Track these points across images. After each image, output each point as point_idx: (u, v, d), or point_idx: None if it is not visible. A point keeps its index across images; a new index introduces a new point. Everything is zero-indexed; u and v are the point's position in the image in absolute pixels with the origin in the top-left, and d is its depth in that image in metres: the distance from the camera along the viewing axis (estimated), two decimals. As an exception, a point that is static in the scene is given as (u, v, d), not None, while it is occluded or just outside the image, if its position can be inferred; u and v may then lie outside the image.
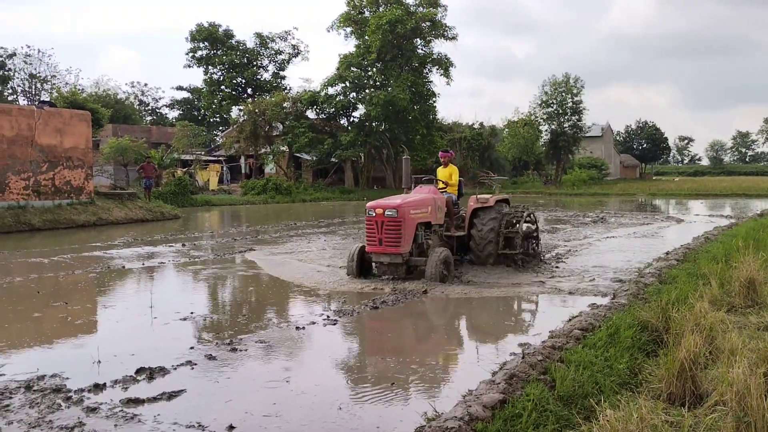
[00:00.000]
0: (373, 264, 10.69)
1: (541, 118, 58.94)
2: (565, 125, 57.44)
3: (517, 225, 11.65)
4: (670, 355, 5.04)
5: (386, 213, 9.99)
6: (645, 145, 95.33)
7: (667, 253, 12.93)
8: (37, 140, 22.57)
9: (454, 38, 51.63)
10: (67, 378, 5.68)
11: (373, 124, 48.79)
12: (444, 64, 51.30)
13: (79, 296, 10.11)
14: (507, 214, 11.70)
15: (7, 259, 14.57)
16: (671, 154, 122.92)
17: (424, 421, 4.47)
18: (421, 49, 51.36)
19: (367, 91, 49.34)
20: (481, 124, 62.47)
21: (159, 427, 4.63)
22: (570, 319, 7.35)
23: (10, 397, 5.19)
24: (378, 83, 49.76)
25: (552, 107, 57.53)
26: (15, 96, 59.47)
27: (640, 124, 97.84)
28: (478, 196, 11.70)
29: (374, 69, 50.09)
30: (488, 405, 4.38)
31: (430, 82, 52.02)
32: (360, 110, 50.25)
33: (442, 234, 11.12)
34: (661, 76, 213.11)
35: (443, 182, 11.84)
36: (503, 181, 57.17)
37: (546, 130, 59.11)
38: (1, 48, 54.17)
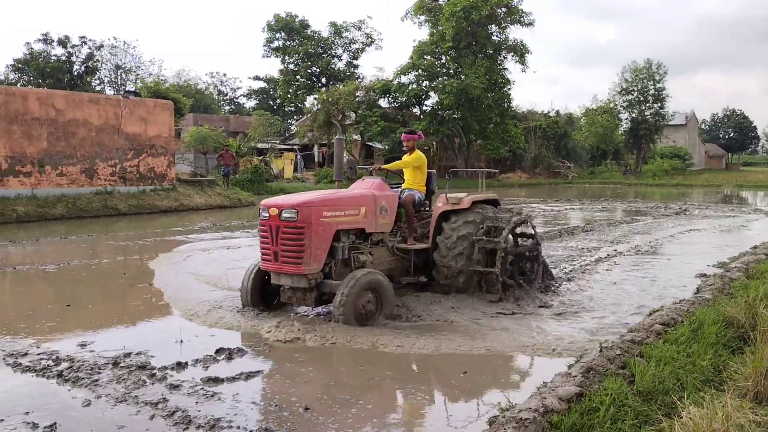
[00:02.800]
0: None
1: (621, 106, 57.02)
2: (647, 113, 55.35)
3: (501, 236, 8.04)
4: (758, 352, 4.81)
5: (283, 215, 6.87)
6: (732, 135, 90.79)
7: (754, 247, 12.30)
8: (123, 129, 23.63)
9: (530, 24, 50.51)
10: (152, 356, 5.94)
11: (446, 112, 48.43)
12: (519, 51, 50.28)
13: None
14: (491, 220, 8.24)
15: (95, 241, 15.37)
16: (760, 144, 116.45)
17: (497, 411, 4.43)
18: (496, 36, 50.48)
19: (440, 79, 48.96)
20: (557, 112, 60.98)
21: (238, 405, 4.78)
22: (651, 313, 7.12)
23: (99, 373, 5.47)
24: (451, 71, 49.29)
25: (632, 94, 55.53)
26: (102, 86, 62.34)
27: (728, 112, 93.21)
28: (449, 194, 8.31)
29: (448, 57, 49.63)
30: (564, 397, 4.29)
31: (505, 69, 51.10)
32: (432, 99, 49.94)
33: (394, 246, 8.02)
34: (754, 62, 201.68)
35: (395, 174, 8.94)
36: (579, 170, 55.90)
37: (626, 119, 57.18)
38: (90, 40, 56.83)
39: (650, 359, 5.09)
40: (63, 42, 54.69)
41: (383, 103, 50.61)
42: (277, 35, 56.51)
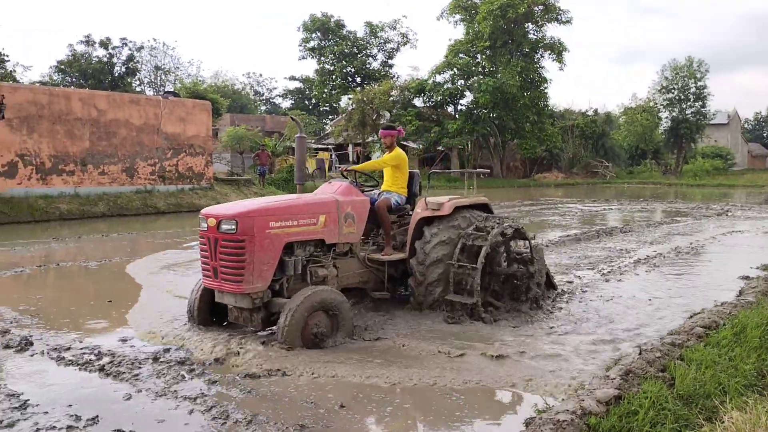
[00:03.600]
0: None
1: (661, 105, 55.93)
2: (687, 112, 54.20)
3: (484, 249, 6.89)
4: (805, 357, 4.66)
5: (222, 226, 6.00)
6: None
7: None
8: (163, 129, 24.09)
9: (568, 22, 49.94)
10: (191, 352, 6.04)
11: (481, 111, 48.16)
12: (557, 49, 49.73)
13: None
14: (476, 229, 7.18)
15: (135, 239, 15.69)
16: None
17: (534, 412, 4.40)
18: (533, 34, 50.04)
19: (475, 78, 48.72)
20: (596, 110, 60.09)
21: (277, 399, 4.83)
22: (691, 316, 6.97)
23: (140, 367, 5.58)
24: (487, 70, 49.03)
25: (673, 93, 54.42)
26: (142, 87, 63.57)
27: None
28: (428, 198, 7.37)
29: (483, 55, 49.37)
30: (602, 400, 4.24)
31: (542, 67, 50.65)
32: (468, 97, 49.76)
33: (365, 258, 7.14)
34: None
35: (369, 175, 8.06)
36: (617, 170, 55.00)
37: (666, 117, 56.05)
38: (131, 41, 58.02)
39: (691, 363, 4.99)
40: (104, 43, 55.90)
41: (418, 102, 50.56)
42: (313, 35, 56.87)
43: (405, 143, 49.93)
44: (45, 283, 10.15)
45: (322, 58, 57.15)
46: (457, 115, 49.43)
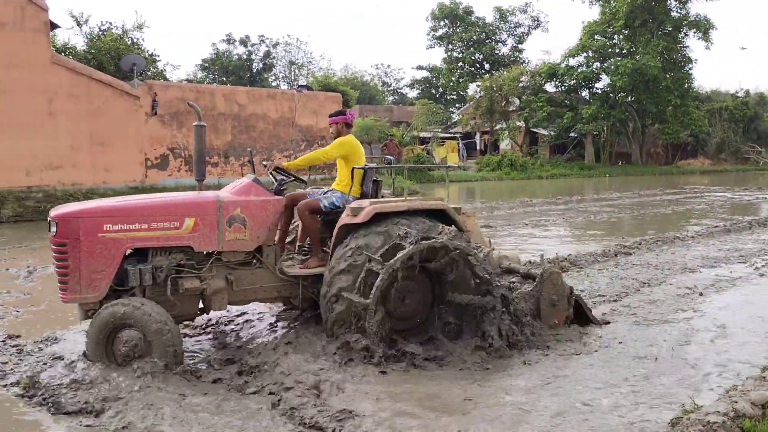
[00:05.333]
0: None
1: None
2: None
3: (379, 279, 5.28)
4: None
5: (50, 228, 5.26)
6: None
7: None
8: (297, 121, 25.08)
9: (715, -4, 46.19)
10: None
11: (618, 95, 45.82)
12: (702, 27, 46.17)
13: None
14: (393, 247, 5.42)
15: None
16: None
17: (680, 412, 4.11)
18: (676, 12, 46.79)
19: (612, 60, 46.41)
20: (747, 91, 55.24)
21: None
22: None
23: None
24: (624, 51, 46.54)
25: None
26: (277, 82, 66.49)
27: None
28: (353, 202, 5.94)
29: (621, 36, 46.89)
30: (758, 402, 3.88)
31: (686, 47, 47.28)
32: (604, 81, 47.49)
33: (279, 269, 5.88)
34: None
35: (292, 175, 6.49)
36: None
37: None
38: (267, 38, 60.86)
39: None
40: (244, 41, 59.06)
41: (549, 87, 49.02)
42: (441, 24, 56.72)
43: (535, 130, 48.56)
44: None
45: (450, 46, 56.89)
46: (591, 100, 47.37)
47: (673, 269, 9.50)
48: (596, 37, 46.80)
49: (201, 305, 5.75)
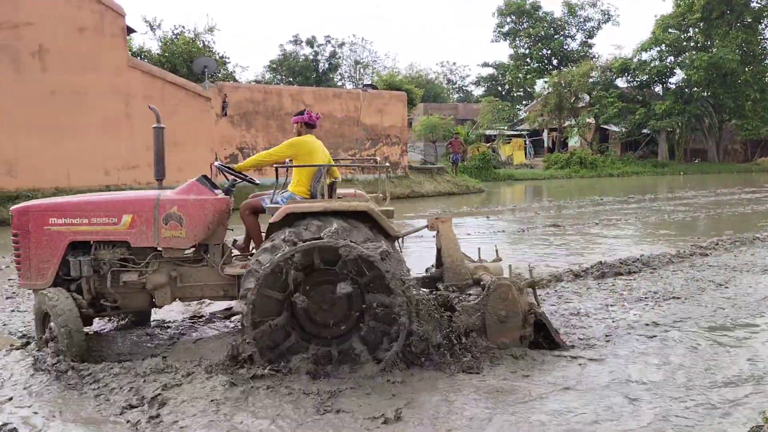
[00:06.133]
0: None
1: None
2: None
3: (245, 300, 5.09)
4: None
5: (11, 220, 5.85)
6: None
7: None
8: (362, 120, 25.25)
9: (801, -16, 43.81)
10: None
11: (693, 90, 44.07)
12: (786, 17, 43.88)
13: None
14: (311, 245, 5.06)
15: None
16: None
17: (762, 420, 3.90)
18: (757, 2, 44.59)
19: (686, 53, 44.68)
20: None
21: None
22: None
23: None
24: (700, 44, 44.72)
25: None
26: (342, 81, 67.12)
27: None
28: (265, 200, 6.08)
29: (696, 29, 45.08)
30: None
31: (767, 39, 45.01)
32: (678, 75, 45.87)
33: (220, 268, 5.81)
34: None
35: (239, 174, 6.37)
36: None
37: None
38: (333, 39, 61.45)
39: None
40: (310, 42, 59.87)
41: (620, 82, 47.69)
42: (508, 19, 56.00)
43: (605, 127, 47.25)
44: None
45: (517, 42, 56.10)
46: (665, 95, 45.74)
47: (753, 271, 9.06)
48: (670, 30, 45.22)
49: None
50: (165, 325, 6.79)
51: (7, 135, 17.22)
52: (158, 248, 5.76)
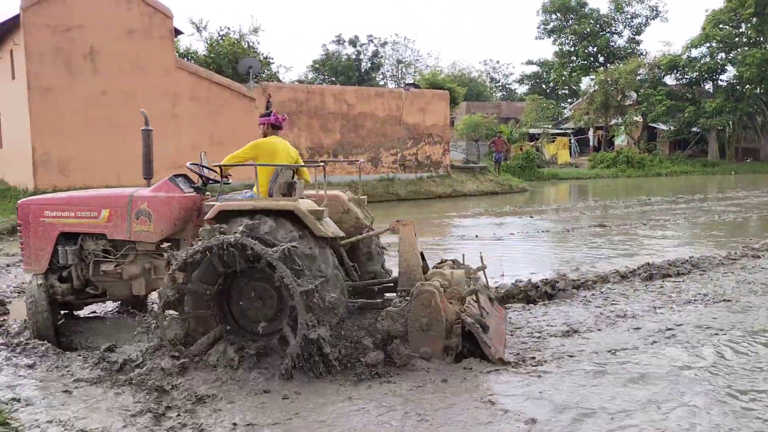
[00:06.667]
0: None
1: None
2: None
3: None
4: None
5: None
6: None
7: None
8: (404, 119, 25.22)
9: None
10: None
11: (746, 87, 42.69)
12: None
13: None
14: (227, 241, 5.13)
15: (376, 224, 16.63)
16: None
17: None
18: (814, -4, 42.94)
19: (738, 50, 43.31)
20: None
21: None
22: None
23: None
24: (753, 40, 43.28)
25: None
26: (384, 80, 67.19)
27: None
28: (211, 199, 6.15)
29: (749, 24, 43.65)
30: None
31: (824, 34, 43.31)
32: (729, 72, 44.45)
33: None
34: None
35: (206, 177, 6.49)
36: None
37: None
38: (376, 38, 61.56)
39: None
40: (353, 42, 60.10)
41: (669, 80, 46.52)
42: (552, 17, 55.24)
43: (653, 125, 46.20)
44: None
45: (562, 40, 55.29)
46: (715, 93, 44.44)
47: (810, 275, 8.73)
48: (721, 26, 43.88)
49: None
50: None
51: (61, 135, 17.79)
52: (133, 241, 6.17)
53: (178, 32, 22.80)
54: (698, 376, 5.07)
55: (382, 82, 64.91)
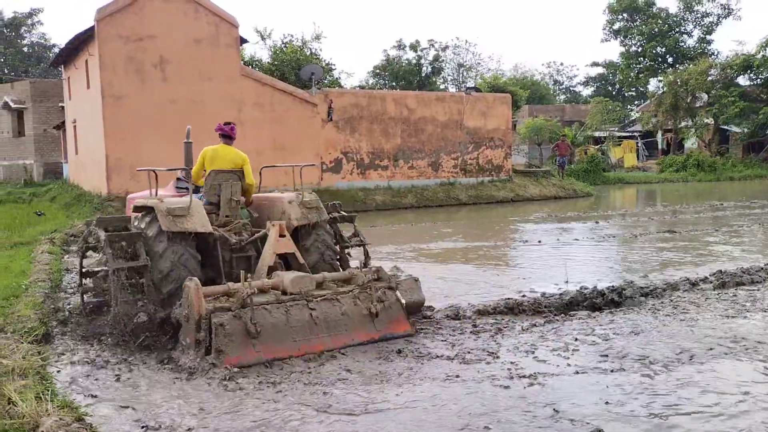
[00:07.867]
0: None
1: None
2: None
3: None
4: None
5: None
6: None
7: None
8: (465, 123, 25.05)
9: None
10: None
11: (827, 86, 40.55)
12: None
13: (499, 263, 10.86)
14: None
15: (438, 228, 16.57)
16: None
17: None
18: None
19: (819, 47, 41.21)
20: None
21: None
22: None
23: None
24: (836, 36, 41.10)
25: None
26: (445, 85, 66.96)
27: None
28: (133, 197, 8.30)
29: (831, 19, 41.46)
30: None
31: None
32: (808, 71, 42.28)
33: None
34: None
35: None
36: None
37: None
38: (437, 42, 61.41)
39: None
40: (414, 46, 60.11)
41: (742, 80, 44.61)
42: (619, 17, 53.89)
43: (725, 127, 44.44)
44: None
45: (629, 40, 53.85)
46: (793, 93, 42.38)
47: None
48: (801, 21, 41.79)
49: None
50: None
51: (132, 142, 18.46)
52: None
53: (243, 41, 23.34)
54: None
55: (442, 87, 64.70)
